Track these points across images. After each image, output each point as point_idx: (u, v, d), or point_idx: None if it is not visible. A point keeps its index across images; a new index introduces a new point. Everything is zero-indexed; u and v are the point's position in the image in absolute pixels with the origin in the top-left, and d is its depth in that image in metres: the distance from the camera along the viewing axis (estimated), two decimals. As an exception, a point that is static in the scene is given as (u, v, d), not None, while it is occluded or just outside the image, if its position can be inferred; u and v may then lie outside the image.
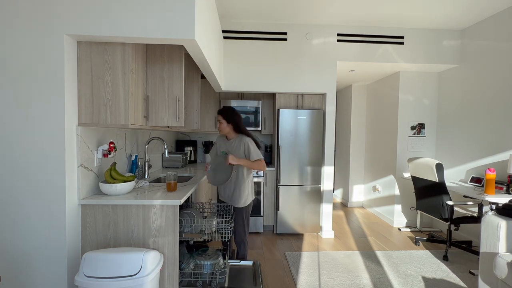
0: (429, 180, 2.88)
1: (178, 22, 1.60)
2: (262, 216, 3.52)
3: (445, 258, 2.78)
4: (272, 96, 3.82)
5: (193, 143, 3.86)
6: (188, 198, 2.31)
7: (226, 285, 2.02)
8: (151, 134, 2.86)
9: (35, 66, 1.57)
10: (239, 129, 2.25)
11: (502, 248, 1.86)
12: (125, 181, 1.83)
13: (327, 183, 3.45)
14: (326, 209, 3.45)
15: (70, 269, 1.65)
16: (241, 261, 2.33)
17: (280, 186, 3.43)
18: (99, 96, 1.71)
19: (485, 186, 2.63)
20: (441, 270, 2.58)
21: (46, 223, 1.61)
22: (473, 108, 3.21)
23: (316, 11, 3.00)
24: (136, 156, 2.44)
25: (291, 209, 3.44)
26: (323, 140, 3.44)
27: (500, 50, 2.90)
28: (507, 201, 2.08)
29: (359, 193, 4.92)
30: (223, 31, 3.23)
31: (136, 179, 2.09)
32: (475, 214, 2.83)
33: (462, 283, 2.35)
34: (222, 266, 2.07)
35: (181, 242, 2.04)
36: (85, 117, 1.71)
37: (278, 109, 3.42)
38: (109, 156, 1.96)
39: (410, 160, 3.17)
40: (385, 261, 2.76)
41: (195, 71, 2.94)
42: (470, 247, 2.91)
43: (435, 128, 3.80)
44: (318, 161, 3.43)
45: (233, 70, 3.30)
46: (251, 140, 2.20)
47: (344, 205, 5.00)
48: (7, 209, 1.59)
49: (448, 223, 2.80)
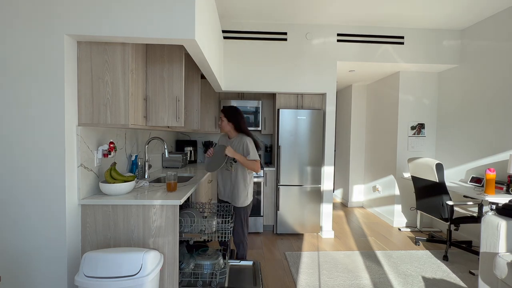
0: (429, 180, 2.88)
1: (178, 22, 1.60)
2: (262, 216, 3.52)
3: (445, 258, 2.78)
4: (272, 96, 3.82)
5: (193, 143, 3.86)
6: (188, 198, 2.31)
7: (226, 285, 2.02)
8: (151, 134, 2.86)
9: (35, 66, 1.57)
10: (240, 129, 2.30)
11: (502, 248, 1.86)
12: (125, 181, 1.83)
13: (327, 183, 3.45)
14: (326, 209, 3.46)
15: (70, 269, 1.65)
16: (241, 261, 2.34)
17: (280, 186, 3.43)
18: (99, 96, 1.72)
19: (485, 186, 2.63)
20: (441, 270, 2.58)
21: (46, 223, 1.61)
22: (473, 108, 3.21)
23: (316, 11, 3.00)
24: (136, 156, 2.44)
25: (291, 209, 3.44)
26: (323, 140, 3.44)
27: (500, 50, 2.90)
28: (507, 201, 2.08)
29: (359, 193, 4.92)
30: (223, 31, 3.23)
31: (136, 179, 2.09)
32: (475, 214, 2.83)
33: (462, 283, 2.35)
34: (222, 266, 2.08)
35: (181, 242, 2.04)
36: (85, 117, 1.71)
37: (278, 109, 3.42)
38: (109, 156, 1.96)
39: (410, 160, 3.17)
40: (385, 261, 2.76)
41: (195, 71, 2.94)
42: (470, 247, 2.91)
43: (435, 128, 3.80)
44: (318, 161, 3.43)
45: (233, 70, 3.30)
46: (250, 140, 2.25)
47: (344, 205, 5.00)
48: (7, 209, 1.59)
49: (448, 223, 2.80)
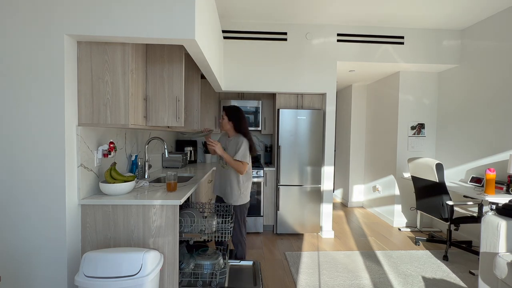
0: (429, 180, 2.88)
1: (178, 22, 1.60)
2: (262, 216, 3.52)
3: (445, 258, 2.78)
4: (272, 96, 3.82)
5: (193, 143, 3.86)
6: (188, 198, 2.31)
7: (226, 285, 2.02)
8: (151, 134, 2.86)
9: (35, 66, 1.57)
10: (239, 129, 2.30)
11: (502, 248, 1.86)
12: (125, 181, 1.83)
13: (327, 183, 3.45)
14: (326, 209, 3.46)
15: (70, 269, 1.65)
16: (241, 261, 2.33)
17: (280, 186, 3.43)
18: (99, 96, 1.71)
19: (485, 186, 2.63)
20: (441, 270, 2.58)
21: (46, 223, 1.61)
22: (473, 108, 3.21)
23: (316, 11, 3.00)
24: (136, 156, 2.44)
25: (291, 209, 3.44)
26: (323, 140, 3.44)
27: (500, 50, 2.90)
28: (507, 201, 2.08)
29: (359, 193, 4.92)
30: (223, 31, 3.23)
31: (136, 179, 2.09)
32: (475, 214, 2.83)
33: (462, 283, 2.35)
34: (222, 266, 2.08)
35: (181, 242, 2.04)
36: (85, 117, 1.71)
37: (278, 109, 3.42)
38: (109, 156, 1.96)
39: (410, 160, 3.17)
40: (385, 261, 2.76)
41: (195, 71, 2.94)
42: (470, 247, 2.91)
43: (435, 128, 3.80)
44: (318, 161, 3.43)
45: (233, 70, 3.30)
46: (246, 141, 2.25)
47: (344, 205, 5.00)
48: (7, 209, 1.59)
49: (448, 223, 2.80)
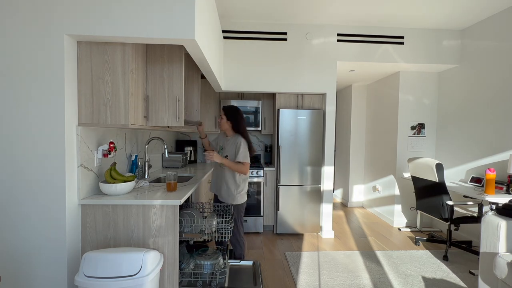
0: (429, 180, 2.88)
1: (178, 22, 1.60)
2: (262, 216, 3.52)
3: (445, 258, 2.78)
4: (272, 96, 3.82)
5: (193, 143, 3.86)
6: (188, 198, 2.31)
7: (226, 285, 2.02)
8: (151, 134, 2.86)
9: (35, 66, 1.57)
10: (238, 129, 2.32)
11: (502, 248, 1.86)
12: (125, 181, 1.83)
13: (327, 183, 3.45)
14: (326, 209, 3.46)
15: (70, 269, 1.65)
16: (241, 261, 2.33)
17: (280, 186, 3.43)
18: (99, 96, 1.71)
19: (485, 186, 2.63)
20: (441, 270, 2.58)
21: (46, 223, 1.61)
22: (473, 108, 3.21)
23: (316, 11, 3.00)
24: (136, 156, 2.44)
25: (291, 209, 3.44)
26: (323, 140, 3.44)
27: (500, 50, 2.90)
28: (507, 201, 2.08)
29: (359, 193, 4.92)
30: (223, 31, 3.23)
31: (136, 179, 2.09)
32: (475, 214, 2.83)
33: (462, 283, 2.35)
34: (222, 266, 2.08)
35: (181, 242, 2.04)
36: (85, 117, 1.71)
37: (278, 109, 3.42)
38: (109, 156, 1.96)
39: (410, 160, 3.17)
40: (385, 261, 2.76)
41: (195, 71, 2.94)
42: (470, 247, 2.91)
43: (435, 128, 3.80)
44: (318, 161, 3.43)
45: (233, 70, 3.30)
46: (244, 141, 2.27)
47: (344, 205, 5.00)
48: (7, 209, 1.59)
49: (448, 223, 2.80)
